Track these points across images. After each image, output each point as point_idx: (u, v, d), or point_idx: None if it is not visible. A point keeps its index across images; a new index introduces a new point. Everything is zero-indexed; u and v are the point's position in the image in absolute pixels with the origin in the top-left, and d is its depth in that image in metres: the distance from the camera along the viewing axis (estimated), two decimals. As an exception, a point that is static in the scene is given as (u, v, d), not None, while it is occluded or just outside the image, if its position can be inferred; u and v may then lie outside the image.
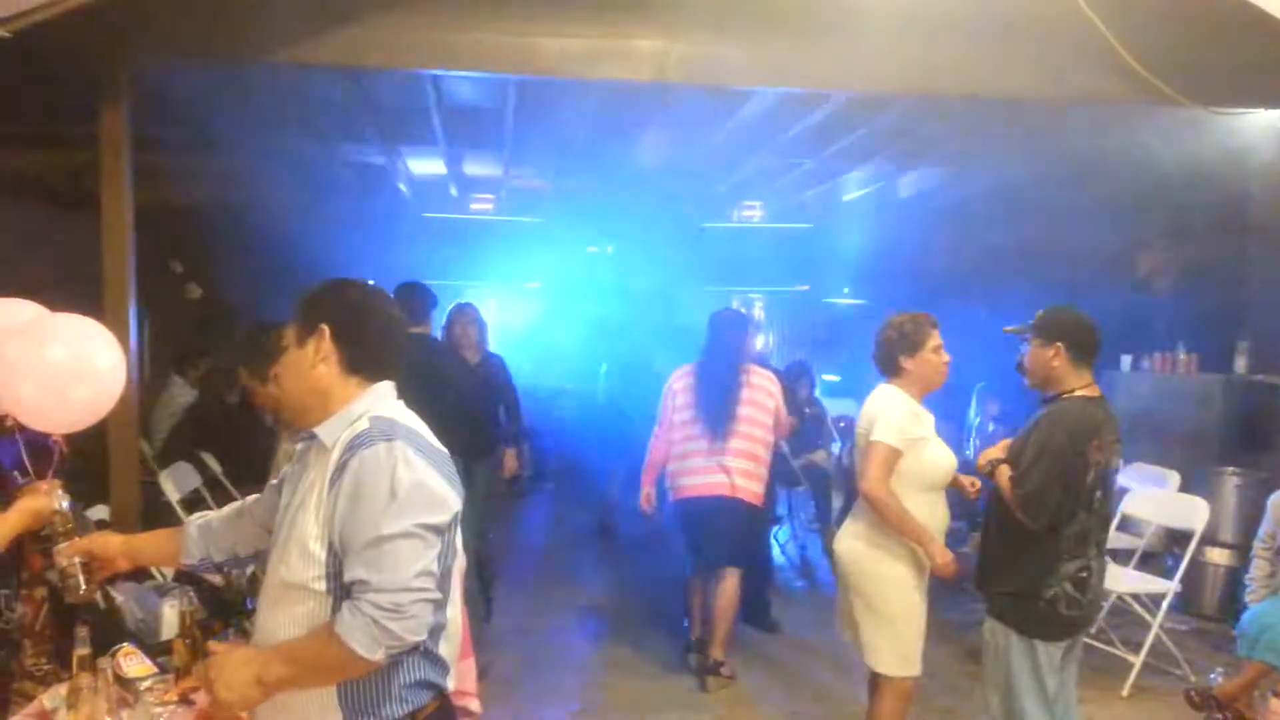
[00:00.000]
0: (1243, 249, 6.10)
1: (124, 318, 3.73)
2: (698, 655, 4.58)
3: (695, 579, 4.65)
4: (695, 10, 3.92)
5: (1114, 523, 4.76)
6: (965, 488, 3.26)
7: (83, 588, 2.07)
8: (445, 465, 1.75)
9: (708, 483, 4.33)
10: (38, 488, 2.20)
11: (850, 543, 3.22)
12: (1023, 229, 7.10)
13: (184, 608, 2.42)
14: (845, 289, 10.50)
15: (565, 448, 8.57)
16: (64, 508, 2.14)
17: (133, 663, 2.28)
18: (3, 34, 3.09)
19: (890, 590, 3.13)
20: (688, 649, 4.70)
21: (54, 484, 2.20)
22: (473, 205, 9.18)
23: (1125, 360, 6.55)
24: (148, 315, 4.84)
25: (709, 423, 4.35)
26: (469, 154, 7.29)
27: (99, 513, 3.68)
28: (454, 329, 5.21)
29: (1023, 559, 2.92)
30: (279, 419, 2.93)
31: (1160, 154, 5.10)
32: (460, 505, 1.74)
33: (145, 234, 3.89)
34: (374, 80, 5.17)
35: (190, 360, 6.69)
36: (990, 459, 3.08)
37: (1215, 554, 5.38)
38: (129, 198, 3.81)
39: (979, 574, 3.11)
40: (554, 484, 9.02)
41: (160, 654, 2.41)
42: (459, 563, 1.83)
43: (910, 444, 3.06)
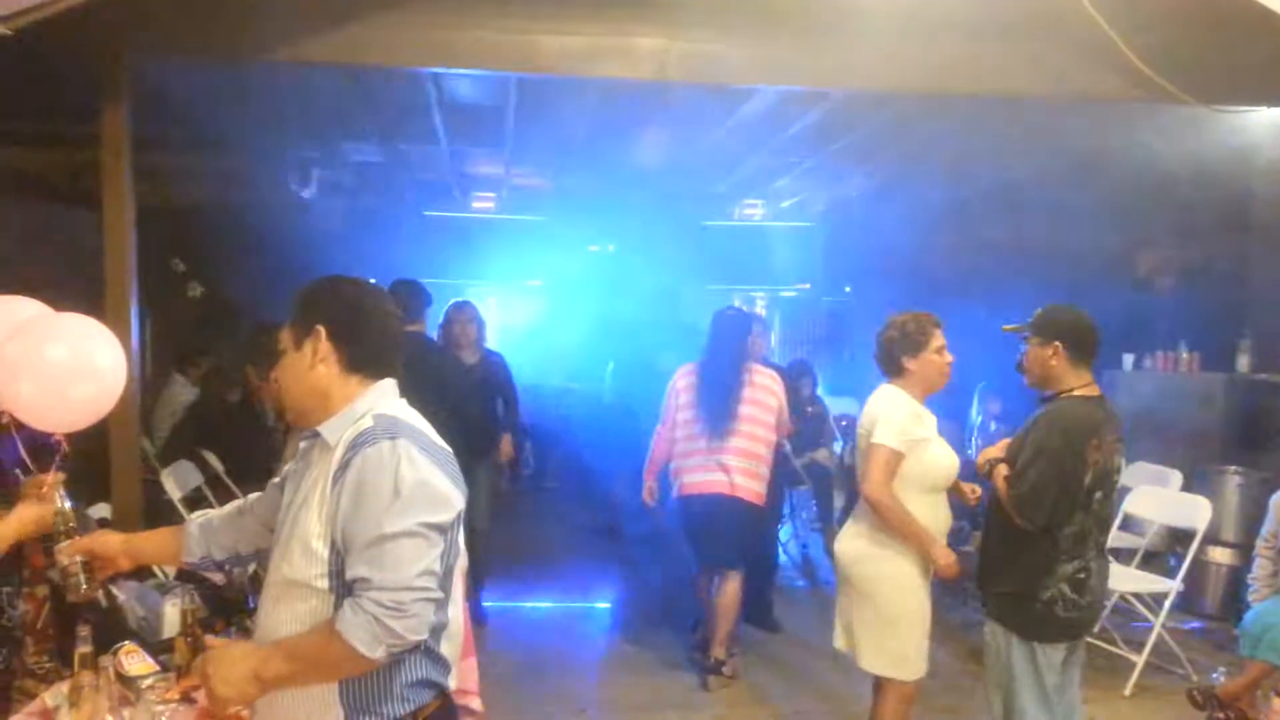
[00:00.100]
0: (1245, 247, 6.09)
1: (125, 316, 3.73)
2: (701, 654, 4.58)
3: (701, 576, 4.65)
4: (696, 8, 3.91)
5: (1116, 522, 4.76)
6: (965, 494, 3.21)
7: (84, 587, 2.07)
8: (449, 463, 1.74)
9: (707, 480, 4.32)
10: (42, 481, 2.20)
11: (851, 544, 3.18)
12: (1024, 227, 7.09)
13: (185, 606, 2.42)
14: (846, 287, 10.49)
15: (568, 446, 8.57)
16: (66, 507, 2.13)
17: (134, 661, 2.27)
18: (3, 31, 3.09)
19: (893, 592, 3.10)
20: (694, 646, 4.70)
21: (57, 477, 2.19)
22: (474, 204, 9.18)
23: (1127, 359, 6.54)
24: (149, 314, 4.84)
25: (710, 421, 4.34)
26: (470, 152, 7.29)
27: (100, 511, 3.68)
28: (453, 327, 5.19)
29: (1020, 560, 2.90)
30: (283, 417, 2.93)
31: (1163, 152, 5.07)
32: (463, 504, 1.74)
33: (146, 233, 3.89)
34: (374, 78, 5.16)
35: (192, 359, 6.69)
36: (989, 459, 3.05)
37: (1217, 553, 5.37)
38: (130, 196, 3.81)
39: (979, 575, 3.09)
40: (556, 482, 9.02)
41: (162, 652, 2.41)
42: (461, 562, 1.82)
43: (912, 446, 3.02)
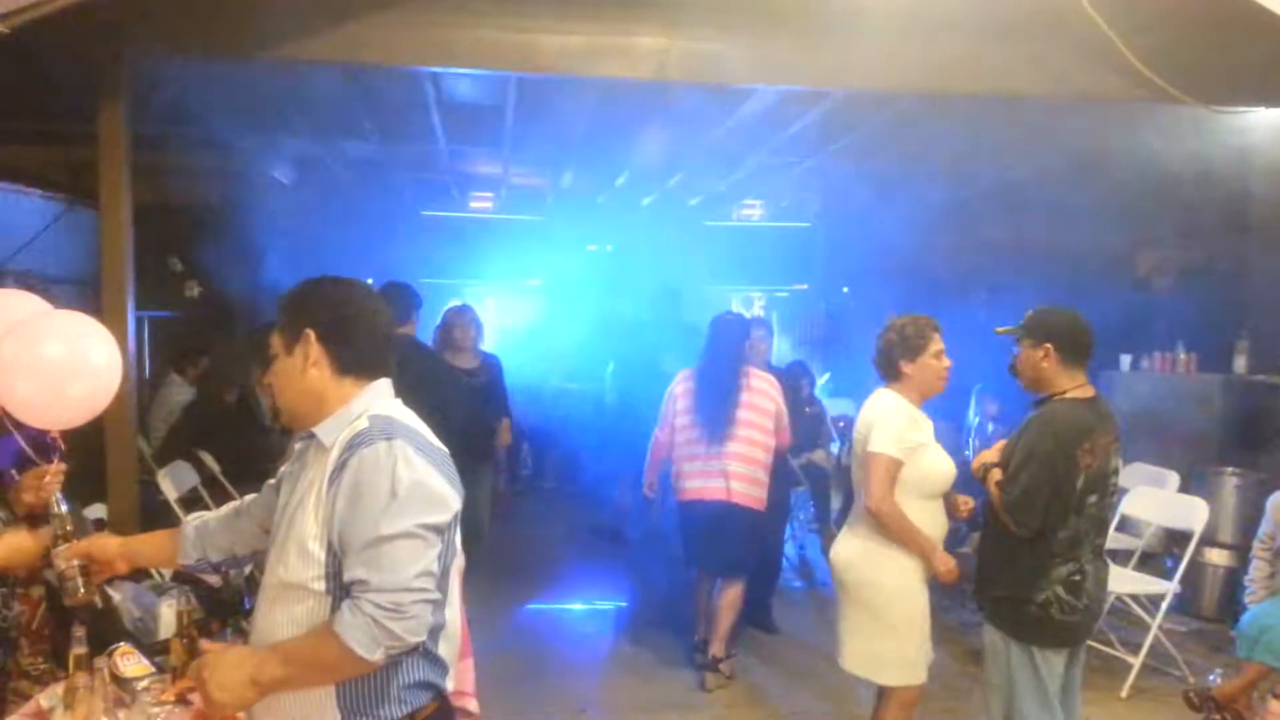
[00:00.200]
0: (1244, 248, 6.09)
1: (122, 314, 3.73)
2: (700, 654, 4.58)
3: (701, 580, 4.65)
4: (696, 8, 3.91)
5: (1113, 523, 4.76)
6: (957, 505, 3.16)
7: (81, 590, 2.06)
8: (445, 464, 1.73)
9: (706, 487, 4.33)
10: (43, 472, 2.18)
11: (848, 550, 3.15)
12: (1023, 227, 7.09)
13: (181, 607, 2.42)
14: (844, 288, 10.49)
15: (566, 447, 8.55)
16: (63, 510, 2.12)
17: (130, 662, 2.27)
18: (1, 30, 3.08)
19: (891, 597, 3.06)
20: (695, 648, 4.70)
21: (59, 468, 2.18)
22: (472, 203, 9.17)
23: (1125, 360, 6.54)
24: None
25: (708, 426, 4.34)
26: (469, 151, 7.28)
27: (97, 511, 3.67)
28: (453, 331, 5.17)
29: (1015, 563, 2.88)
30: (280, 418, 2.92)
31: (1162, 153, 5.07)
32: (460, 505, 1.73)
33: (144, 232, 3.88)
34: (373, 77, 5.15)
35: (189, 358, 6.67)
36: (985, 462, 3.03)
37: (1214, 555, 5.37)
38: (128, 195, 3.80)
39: (976, 578, 3.06)
40: (554, 483, 9.01)
41: (157, 654, 2.41)
42: (459, 562, 1.81)
43: (909, 451, 2.99)
